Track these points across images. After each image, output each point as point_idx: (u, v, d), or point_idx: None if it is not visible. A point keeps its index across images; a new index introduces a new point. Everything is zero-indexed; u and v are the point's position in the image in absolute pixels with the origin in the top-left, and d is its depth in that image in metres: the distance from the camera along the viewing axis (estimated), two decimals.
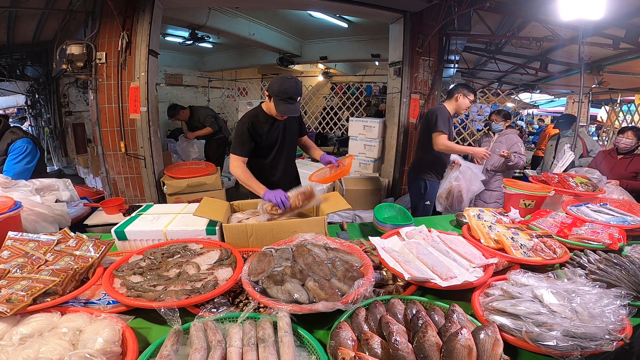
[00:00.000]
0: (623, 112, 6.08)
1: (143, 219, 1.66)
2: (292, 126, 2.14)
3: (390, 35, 4.26)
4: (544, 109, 11.80)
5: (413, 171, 3.07)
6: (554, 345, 0.88)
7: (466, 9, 3.45)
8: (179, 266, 1.28)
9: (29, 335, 0.91)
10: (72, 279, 1.14)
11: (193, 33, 5.43)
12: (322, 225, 1.62)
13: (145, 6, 3.25)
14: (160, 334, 0.97)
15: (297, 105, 1.89)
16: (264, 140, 2.03)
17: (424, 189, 2.92)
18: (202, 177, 3.38)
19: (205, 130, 4.68)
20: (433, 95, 4.33)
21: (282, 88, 1.83)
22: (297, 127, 2.20)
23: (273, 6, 4.67)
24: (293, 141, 2.22)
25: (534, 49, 4.27)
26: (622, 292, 1.05)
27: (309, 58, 7.12)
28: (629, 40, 3.63)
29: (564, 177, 2.27)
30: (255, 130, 1.99)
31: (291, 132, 2.14)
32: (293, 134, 2.18)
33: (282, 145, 2.12)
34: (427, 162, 2.91)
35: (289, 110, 1.87)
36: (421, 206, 2.95)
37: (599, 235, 1.56)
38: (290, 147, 2.20)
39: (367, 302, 1.10)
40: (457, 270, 1.30)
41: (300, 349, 0.93)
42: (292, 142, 2.20)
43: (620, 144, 3.06)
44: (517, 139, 3.33)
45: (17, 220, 1.69)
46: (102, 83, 3.39)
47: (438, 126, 2.64)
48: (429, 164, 2.90)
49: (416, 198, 3.02)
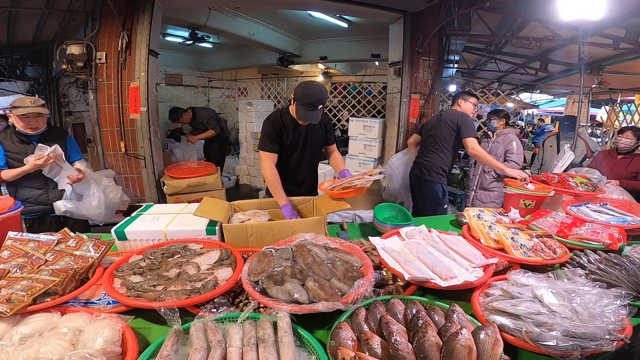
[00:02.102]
0: (623, 112, 6.08)
1: (143, 219, 1.66)
2: (316, 132, 2.08)
3: (390, 35, 4.26)
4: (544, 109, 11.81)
5: (426, 176, 2.90)
6: (554, 345, 0.88)
7: (466, 9, 3.45)
8: (179, 266, 1.28)
9: (29, 335, 0.91)
10: (72, 279, 1.14)
11: (193, 33, 5.43)
12: (322, 225, 1.62)
13: (145, 6, 3.25)
14: (160, 334, 0.97)
15: (317, 112, 1.84)
16: (286, 142, 2.02)
17: (442, 194, 2.87)
18: (202, 177, 3.38)
19: (208, 133, 4.67)
20: (433, 95, 4.33)
21: (305, 93, 1.79)
22: (322, 134, 2.13)
23: (273, 6, 4.66)
24: (316, 148, 2.14)
25: (534, 49, 4.27)
26: (622, 292, 1.05)
27: (309, 58, 7.12)
28: (629, 40, 3.63)
29: (564, 177, 2.27)
30: (281, 129, 1.98)
31: (314, 138, 2.08)
32: (316, 141, 2.11)
33: (302, 150, 2.08)
34: (443, 166, 2.84)
35: (308, 116, 1.83)
36: (440, 211, 2.87)
37: (599, 235, 1.56)
38: (312, 153, 2.14)
39: (367, 302, 1.10)
40: (457, 270, 1.30)
41: (300, 349, 0.93)
42: (314, 149, 2.13)
43: (620, 144, 3.06)
44: (514, 138, 3.31)
45: (17, 220, 1.70)
46: (102, 83, 3.39)
47: (469, 131, 2.64)
48: (443, 167, 2.84)
49: (433, 203, 2.92)
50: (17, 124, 2.08)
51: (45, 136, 2.18)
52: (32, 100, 2.06)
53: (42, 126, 2.15)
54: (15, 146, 2.12)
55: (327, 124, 2.16)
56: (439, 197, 2.88)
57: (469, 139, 2.63)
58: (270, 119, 1.98)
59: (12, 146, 2.12)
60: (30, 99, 2.06)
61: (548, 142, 4.06)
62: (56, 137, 2.23)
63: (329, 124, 2.17)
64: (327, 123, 2.16)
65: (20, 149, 2.13)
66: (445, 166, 2.86)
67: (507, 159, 3.29)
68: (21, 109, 2.02)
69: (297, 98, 1.83)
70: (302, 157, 2.11)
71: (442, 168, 2.86)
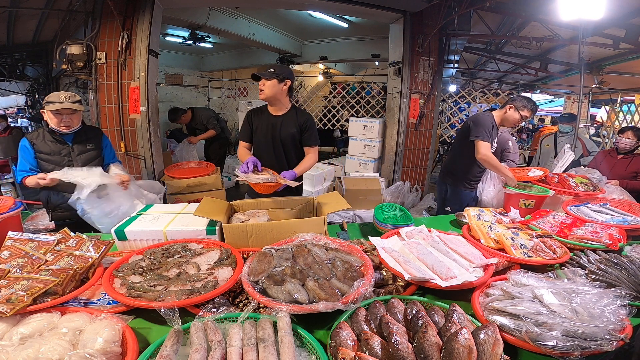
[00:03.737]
0: (623, 112, 6.08)
1: (143, 219, 1.66)
2: (286, 129, 2.10)
3: (390, 35, 4.27)
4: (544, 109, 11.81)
5: (440, 175, 2.96)
6: (554, 345, 0.88)
7: (466, 9, 3.45)
8: (179, 266, 1.28)
9: (29, 335, 0.91)
10: (72, 279, 1.14)
11: (193, 33, 5.43)
12: (322, 225, 1.62)
13: (145, 6, 3.25)
14: (160, 334, 0.97)
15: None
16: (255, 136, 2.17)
17: (444, 193, 2.83)
18: (202, 177, 3.39)
19: (209, 133, 4.67)
20: (433, 95, 4.33)
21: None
22: (294, 132, 2.12)
23: (273, 6, 4.67)
24: (287, 145, 2.14)
25: (534, 49, 4.27)
26: (622, 292, 1.05)
27: (309, 58, 7.12)
28: (629, 40, 3.63)
29: (564, 177, 2.27)
30: (252, 122, 2.16)
31: (284, 135, 2.10)
32: (287, 138, 2.11)
33: (271, 145, 2.12)
34: (454, 168, 2.76)
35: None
36: (442, 211, 2.85)
37: (599, 235, 1.56)
38: (284, 149, 2.14)
39: (367, 302, 1.10)
40: (457, 270, 1.30)
41: (300, 349, 0.93)
42: (285, 145, 2.14)
43: (620, 143, 3.07)
44: (509, 137, 3.28)
45: (17, 220, 1.70)
46: (102, 83, 3.39)
47: (480, 133, 2.37)
48: (455, 170, 2.75)
49: (439, 201, 2.95)
50: (51, 121, 1.94)
51: (79, 135, 2.06)
52: (67, 96, 1.92)
53: (76, 124, 2.01)
54: (48, 146, 1.99)
55: (303, 124, 2.12)
56: (442, 196, 2.87)
57: (479, 142, 2.36)
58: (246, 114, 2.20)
59: (45, 146, 1.98)
60: (66, 94, 1.92)
61: (545, 141, 4.07)
62: (91, 137, 2.12)
63: (305, 124, 2.12)
64: (304, 123, 2.12)
65: (54, 149, 1.99)
66: (457, 169, 2.71)
67: (504, 158, 3.26)
68: (54, 105, 1.88)
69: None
70: (271, 153, 2.13)
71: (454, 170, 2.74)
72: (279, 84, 1.99)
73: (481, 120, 2.43)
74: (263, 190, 1.82)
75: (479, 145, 2.37)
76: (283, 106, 2.11)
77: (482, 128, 2.39)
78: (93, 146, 2.11)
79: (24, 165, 1.96)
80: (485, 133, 2.38)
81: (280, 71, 1.99)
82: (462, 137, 2.63)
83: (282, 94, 2.04)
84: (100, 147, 2.15)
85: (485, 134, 2.38)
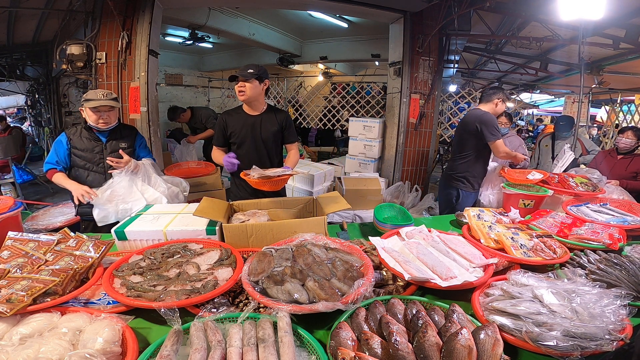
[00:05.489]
0: (623, 112, 6.08)
1: (143, 219, 1.66)
2: (266, 128, 2.13)
3: (390, 35, 4.26)
4: (544, 109, 11.82)
5: (445, 179, 2.90)
6: (554, 345, 0.88)
7: (466, 9, 3.45)
8: (179, 266, 1.28)
9: (29, 335, 0.91)
10: (72, 279, 1.14)
11: (193, 33, 5.43)
12: (322, 225, 1.62)
13: (145, 6, 3.25)
14: (160, 334, 0.97)
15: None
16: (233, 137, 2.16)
17: (455, 199, 2.77)
18: (202, 177, 3.38)
19: (208, 132, 4.67)
20: (433, 95, 4.33)
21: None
22: (275, 130, 2.15)
23: (273, 6, 4.67)
24: (269, 143, 2.17)
25: (534, 49, 4.27)
26: (622, 292, 1.05)
27: (309, 58, 7.12)
28: (629, 40, 3.63)
29: (564, 177, 2.27)
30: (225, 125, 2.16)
31: (265, 133, 2.13)
32: (268, 137, 2.14)
33: (252, 145, 2.13)
34: (463, 170, 2.73)
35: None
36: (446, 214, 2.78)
37: (599, 235, 1.56)
38: (266, 148, 2.17)
39: (367, 302, 1.10)
40: (457, 270, 1.30)
41: (300, 349, 0.93)
42: (267, 144, 2.17)
43: (620, 144, 3.07)
44: (520, 141, 3.32)
45: (17, 220, 1.69)
46: (102, 83, 3.39)
47: (494, 134, 2.50)
48: (464, 172, 2.72)
49: (446, 208, 2.88)
50: (89, 118, 2.01)
51: (114, 133, 2.13)
52: (104, 93, 1.99)
53: (113, 121, 2.08)
54: (83, 143, 2.07)
55: (284, 122, 2.19)
56: (452, 202, 2.80)
57: (497, 143, 2.49)
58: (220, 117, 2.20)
59: (80, 142, 2.07)
60: (103, 92, 2.00)
61: (544, 142, 4.07)
62: (126, 135, 2.17)
63: (285, 122, 2.19)
64: (284, 121, 2.19)
65: (88, 146, 2.07)
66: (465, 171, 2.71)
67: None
68: (93, 102, 1.96)
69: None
70: (253, 152, 2.14)
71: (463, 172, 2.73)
72: (260, 84, 2.03)
73: (488, 120, 2.54)
74: (271, 187, 1.82)
75: (497, 145, 2.51)
76: (260, 105, 2.15)
77: (493, 128, 2.52)
78: (126, 145, 2.14)
79: (52, 158, 2.06)
80: (497, 132, 2.53)
81: (259, 71, 2.02)
82: (468, 138, 2.66)
83: (261, 94, 2.10)
84: (133, 146, 2.20)
85: (498, 133, 2.53)
